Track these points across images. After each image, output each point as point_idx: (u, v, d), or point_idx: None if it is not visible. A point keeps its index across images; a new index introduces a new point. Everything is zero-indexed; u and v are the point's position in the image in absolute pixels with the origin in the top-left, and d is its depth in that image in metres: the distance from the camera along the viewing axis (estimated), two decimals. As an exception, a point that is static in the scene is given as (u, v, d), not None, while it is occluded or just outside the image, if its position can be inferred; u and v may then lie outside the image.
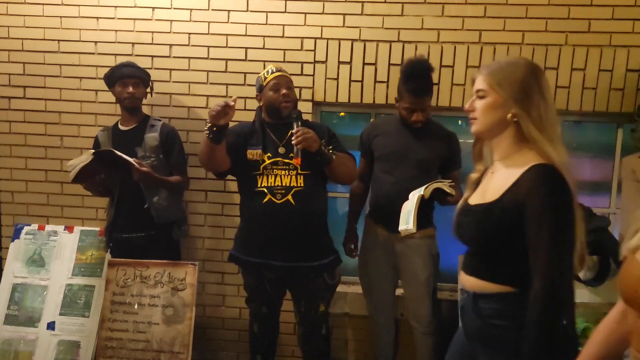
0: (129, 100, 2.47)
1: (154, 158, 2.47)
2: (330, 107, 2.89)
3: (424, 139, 2.36)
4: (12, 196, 2.95)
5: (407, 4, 2.66)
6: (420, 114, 2.29)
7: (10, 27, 2.82)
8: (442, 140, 2.40)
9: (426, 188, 2.09)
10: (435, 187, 2.09)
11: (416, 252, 2.39)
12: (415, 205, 2.05)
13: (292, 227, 2.11)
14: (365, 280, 2.58)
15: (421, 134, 2.35)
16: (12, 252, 2.76)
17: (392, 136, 2.41)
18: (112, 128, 2.60)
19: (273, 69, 2.23)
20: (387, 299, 2.56)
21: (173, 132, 2.58)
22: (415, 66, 2.25)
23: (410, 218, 2.03)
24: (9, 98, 2.88)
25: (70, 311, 2.64)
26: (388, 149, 2.40)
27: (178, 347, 2.36)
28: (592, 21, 2.60)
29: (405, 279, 2.46)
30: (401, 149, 2.36)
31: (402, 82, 2.29)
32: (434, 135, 2.39)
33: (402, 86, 2.28)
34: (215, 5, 2.74)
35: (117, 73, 2.47)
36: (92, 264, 2.70)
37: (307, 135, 2.01)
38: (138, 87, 2.49)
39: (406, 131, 2.37)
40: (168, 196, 2.48)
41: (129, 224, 2.49)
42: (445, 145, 2.39)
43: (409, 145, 2.35)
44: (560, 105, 2.66)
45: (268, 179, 2.14)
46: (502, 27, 2.64)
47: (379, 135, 2.45)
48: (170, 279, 2.44)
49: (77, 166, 2.24)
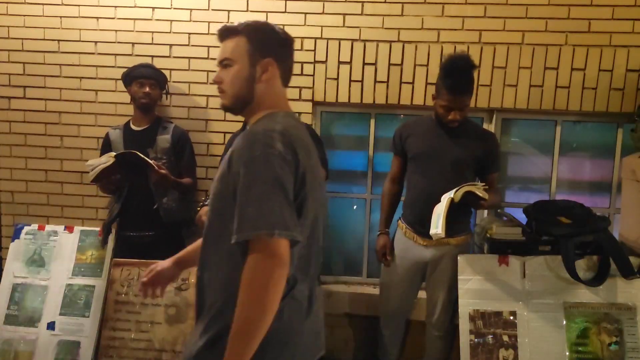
0: (145, 99, 2.52)
1: (165, 160, 2.51)
2: (330, 107, 2.89)
3: (458, 138, 2.26)
4: (12, 196, 2.95)
5: (407, 4, 2.66)
6: (458, 113, 2.17)
7: (10, 27, 2.82)
8: (479, 141, 2.29)
9: (457, 191, 2.03)
10: (467, 190, 2.03)
11: (448, 258, 2.31)
12: (444, 208, 2.00)
13: None
14: (386, 287, 2.50)
15: (456, 133, 2.25)
16: (12, 252, 2.76)
17: (426, 136, 2.31)
18: (123, 127, 2.62)
19: None
20: (405, 307, 2.51)
21: (185, 135, 2.64)
22: (456, 62, 2.15)
23: (440, 222, 1.97)
24: (9, 98, 2.88)
25: (70, 311, 2.64)
26: (421, 149, 2.31)
27: (180, 347, 2.36)
28: (592, 21, 2.60)
29: (431, 284, 2.40)
30: (435, 149, 2.27)
31: (441, 78, 2.18)
32: (470, 135, 2.29)
33: (441, 82, 2.17)
34: (215, 5, 2.74)
35: (136, 72, 2.51)
36: (92, 264, 2.70)
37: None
38: (154, 88, 2.54)
39: (440, 130, 2.27)
40: (177, 197, 2.54)
41: (137, 222, 2.53)
42: (481, 146, 2.28)
43: (442, 145, 2.26)
44: (560, 105, 2.67)
45: None
46: (502, 27, 2.64)
47: (412, 135, 2.35)
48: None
49: (97, 167, 2.27)
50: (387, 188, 2.50)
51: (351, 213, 3.01)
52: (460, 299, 2.29)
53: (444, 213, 1.99)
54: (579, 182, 2.90)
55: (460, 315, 2.27)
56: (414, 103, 2.72)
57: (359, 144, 2.95)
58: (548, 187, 2.86)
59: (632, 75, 2.62)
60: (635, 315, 2.23)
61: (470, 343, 2.23)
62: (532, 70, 2.65)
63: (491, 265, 2.30)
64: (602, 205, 2.85)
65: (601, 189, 2.87)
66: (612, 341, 2.23)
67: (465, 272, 2.30)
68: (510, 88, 2.68)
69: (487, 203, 2.10)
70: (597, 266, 2.28)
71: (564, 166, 2.86)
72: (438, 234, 1.99)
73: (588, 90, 2.65)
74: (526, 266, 2.29)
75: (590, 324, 2.24)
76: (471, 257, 2.36)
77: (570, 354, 2.21)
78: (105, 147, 2.62)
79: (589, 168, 2.90)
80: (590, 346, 2.22)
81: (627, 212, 2.55)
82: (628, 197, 2.55)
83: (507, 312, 2.26)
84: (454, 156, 2.25)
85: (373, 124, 2.87)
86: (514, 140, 2.90)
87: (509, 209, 2.84)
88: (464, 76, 2.15)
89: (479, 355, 2.22)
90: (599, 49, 2.62)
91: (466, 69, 2.15)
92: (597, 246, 2.27)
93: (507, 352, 2.21)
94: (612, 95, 2.65)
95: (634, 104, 2.62)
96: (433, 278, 2.38)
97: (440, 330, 2.43)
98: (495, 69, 2.67)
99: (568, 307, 2.25)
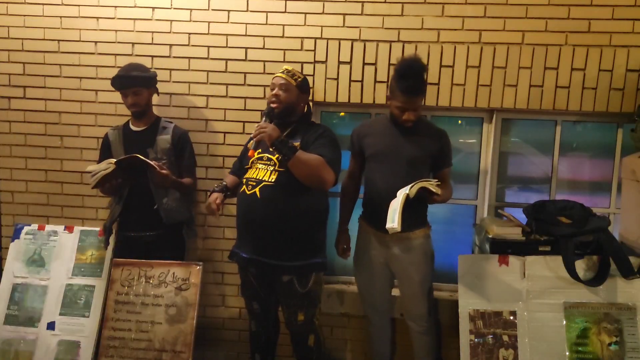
0: (133, 108, 2.52)
1: (165, 160, 2.51)
2: (330, 107, 2.89)
3: (414, 137, 2.33)
4: (12, 196, 2.95)
5: (407, 4, 2.66)
6: (412, 114, 2.25)
7: (10, 27, 2.83)
8: (432, 138, 2.36)
9: (412, 187, 2.07)
10: (421, 186, 2.08)
11: (410, 252, 2.37)
12: (400, 204, 2.04)
13: (256, 220, 2.17)
14: (360, 281, 2.57)
15: (411, 132, 2.33)
16: (12, 252, 2.76)
17: (382, 135, 2.39)
18: (122, 127, 2.62)
19: (281, 70, 2.30)
20: (383, 299, 2.55)
21: (185, 135, 2.63)
22: (409, 65, 2.21)
23: (396, 216, 2.01)
24: (9, 98, 2.88)
25: (70, 311, 2.64)
26: (378, 148, 2.38)
27: (180, 347, 2.37)
28: (592, 21, 2.61)
29: (400, 279, 2.45)
30: (391, 147, 2.34)
31: (395, 80, 2.24)
32: (424, 133, 2.36)
33: (395, 84, 2.24)
34: (215, 5, 2.74)
35: (115, 85, 2.50)
36: (92, 264, 2.69)
37: (262, 129, 2.06)
38: (139, 93, 2.50)
39: (396, 130, 2.35)
40: (177, 197, 2.54)
41: (138, 223, 2.53)
42: (435, 143, 2.36)
43: (399, 144, 2.33)
44: (560, 105, 2.67)
45: (250, 172, 2.25)
46: (502, 27, 2.64)
47: (369, 135, 2.43)
48: (174, 278, 2.45)
49: (98, 174, 2.27)
50: (346, 185, 2.57)
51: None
52: (460, 299, 2.29)
53: (400, 208, 2.03)
54: (579, 182, 2.90)
55: (460, 315, 2.27)
56: (414, 103, 2.72)
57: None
58: (548, 187, 2.86)
59: (632, 75, 2.63)
60: (635, 315, 2.23)
61: (470, 343, 2.23)
62: (532, 70, 2.66)
63: (491, 265, 2.30)
64: (602, 205, 2.85)
65: (601, 189, 2.87)
66: (612, 341, 2.23)
67: (465, 272, 2.30)
68: (510, 88, 2.68)
69: (440, 198, 2.16)
70: (597, 266, 2.28)
71: (564, 166, 2.86)
72: (394, 228, 2.01)
73: (588, 90, 2.65)
74: (526, 266, 2.29)
75: (590, 324, 2.24)
76: (471, 257, 2.36)
77: (570, 354, 2.21)
78: (105, 148, 2.62)
79: (589, 168, 2.90)
80: (590, 346, 2.23)
81: (627, 212, 2.55)
82: (628, 197, 2.55)
83: (507, 312, 2.26)
84: (410, 154, 2.32)
85: (373, 124, 2.87)
86: (514, 140, 2.90)
87: (509, 209, 2.84)
88: (417, 78, 2.21)
89: (479, 355, 2.22)
90: (599, 49, 2.62)
91: (419, 71, 2.22)
92: (597, 246, 2.27)
93: (507, 352, 2.22)
94: (612, 95, 2.65)
95: (634, 104, 2.62)
96: (401, 273, 2.42)
97: (420, 325, 2.45)
98: (495, 69, 2.67)
99: (568, 307, 2.26)
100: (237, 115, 2.80)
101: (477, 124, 2.86)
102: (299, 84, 2.26)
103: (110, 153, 2.55)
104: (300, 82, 2.28)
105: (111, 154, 2.54)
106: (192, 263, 2.48)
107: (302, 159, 2.07)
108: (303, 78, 2.30)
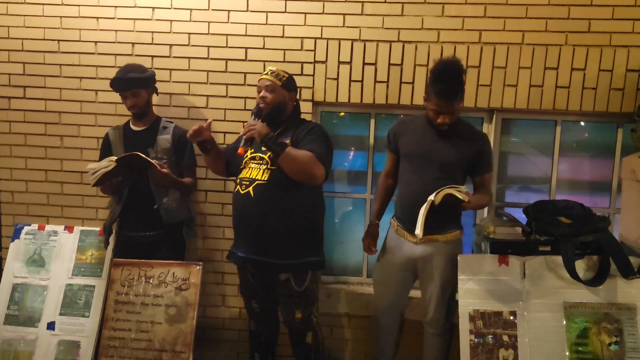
0: (133, 110, 2.52)
1: (165, 159, 2.51)
2: (330, 107, 2.89)
3: (450, 140, 2.26)
4: (12, 196, 2.95)
5: (407, 4, 2.66)
6: (447, 117, 2.18)
7: (10, 27, 2.82)
8: (470, 142, 2.29)
9: (437, 193, 2.04)
10: (447, 193, 2.04)
11: (437, 254, 2.31)
12: (424, 210, 2.02)
13: (251, 219, 2.19)
14: (378, 281, 2.52)
15: (448, 134, 2.26)
16: (12, 252, 2.76)
17: (417, 136, 2.32)
18: (123, 127, 2.62)
19: (266, 71, 2.31)
20: (397, 303, 2.52)
21: (185, 135, 2.59)
22: (444, 68, 2.15)
23: (419, 223, 2.00)
24: (9, 98, 2.88)
25: (70, 311, 2.64)
26: (412, 148, 2.33)
27: (180, 347, 2.36)
28: (592, 21, 2.60)
29: (423, 282, 2.40)
30: (425, 149, 2.28)
31: (430, 82, 2.19)
32: (462, 136, 2.29)
33: (430, 87, 2.19)
34: (215, 5, 2.74)
35: (114, 87, 2.50)
36: (92, 264, 2.69)
37: (252, 127, 2.07)
38: (137, 95, 2.50)
39: (432, 131, 2.28)
40: (177, 197, 2.54)
41: (138, 222, 2.54)
42: (473, 147, 2.28)
43: (433, 146, 2.27)
44: (560, 105, 2.67)
45: (244, 172, 2.26)
46: (502, 27, 2.64)
47: (405, 134, 2.37)
48: (174, 278, 2.45)
49: (98, 172, 2.27)
50: (382, 181, 2.55)
51: (351, 213, 3.01)
52: (460, 299, 2.29)
53: (423, 215, 2.03)
54: (579, 182, 2.90)
55: (460, 315, 2.27)
56: (414, 103, 2.72)
57: (359, 144, 2.95)
58: (548, 187, 2.86)
59: (632, 75, 2.62)
60: (635, 315, 2.23)
61: (470, 343, 2.23)
62: (532, 70, 2.65)
63: (491, 265, 2.30)
64: (602, 205, 2.85)
65: (601, 189, 2.87)
66: (612, 341, 2.23)
67: (465, 272, 2.30)
68: (510, 88, 2.68)
69: (471, 204, 2.11)
70: (597, 266, 2.28)
71: (564, 166, 2.86)
72: (417, 235, 2.04)
73: (588, 90, 2.65)
74: (526, 266, 2.29)
75: (590, 324, 2.24)
76: (471, 257, 2.36)
77: (570, 354, 2.21)
78: (105, 148, 2.62)
79: (589, 168, 2.90)
80: (590, 346, 2.22)
81: (627, 212, 2.55)
82: (628, 197, 2.55)
83: (507, 312, 2.26)
84: (443, 157, 2.26)
85: (373, 124, 2.87)
86: (514, 140, 2.90)
87: (509, 209, 2.84)
88: (453, 82, 2.14)
89: (479, 355, 2.22)
90: (599, 49, 2.62)
91: (456, 74, 2.15)
92: (597, 246, 2.27)
93: (507, 352, 2.22)
94: (612, 95, 2.65)
95: (634, 104, 2.62)
96: (424, 275, 2.39)
97: (436, 328, 2.43)
98: (495, 69, 2.67)
99: (568, 307, 2.25)
100: (237, 115, 2.80)
101: (477, 124, 2.86)
102: (284, 84, 2.27)
103: (110, 153, 2.55)
104: (286, 81, 2.28)
105: (111, 154, 2.54)
106: (192, 263, 2.48)
107: (292, 155, 2.08)
108: (288, 77, 2.30)
